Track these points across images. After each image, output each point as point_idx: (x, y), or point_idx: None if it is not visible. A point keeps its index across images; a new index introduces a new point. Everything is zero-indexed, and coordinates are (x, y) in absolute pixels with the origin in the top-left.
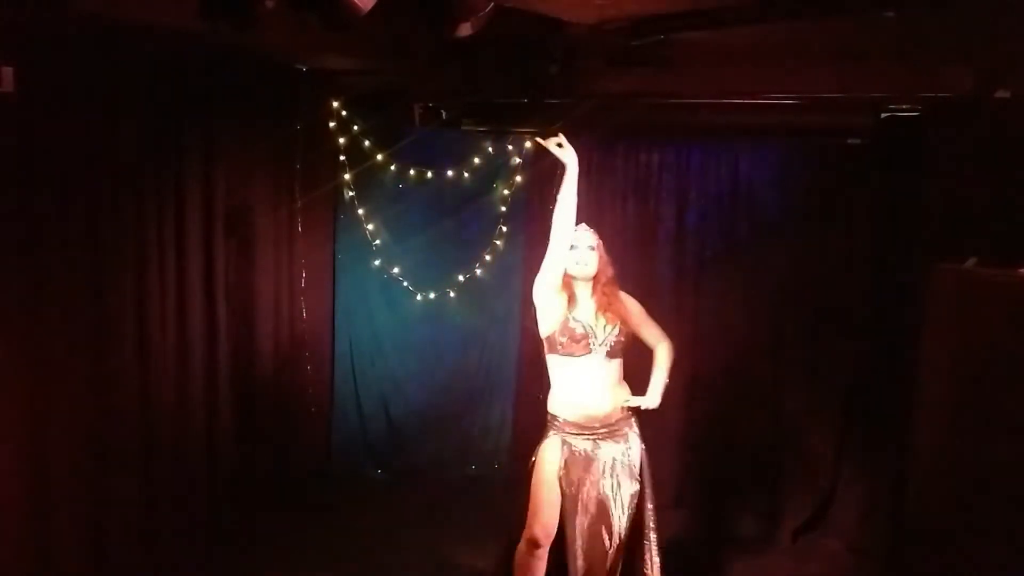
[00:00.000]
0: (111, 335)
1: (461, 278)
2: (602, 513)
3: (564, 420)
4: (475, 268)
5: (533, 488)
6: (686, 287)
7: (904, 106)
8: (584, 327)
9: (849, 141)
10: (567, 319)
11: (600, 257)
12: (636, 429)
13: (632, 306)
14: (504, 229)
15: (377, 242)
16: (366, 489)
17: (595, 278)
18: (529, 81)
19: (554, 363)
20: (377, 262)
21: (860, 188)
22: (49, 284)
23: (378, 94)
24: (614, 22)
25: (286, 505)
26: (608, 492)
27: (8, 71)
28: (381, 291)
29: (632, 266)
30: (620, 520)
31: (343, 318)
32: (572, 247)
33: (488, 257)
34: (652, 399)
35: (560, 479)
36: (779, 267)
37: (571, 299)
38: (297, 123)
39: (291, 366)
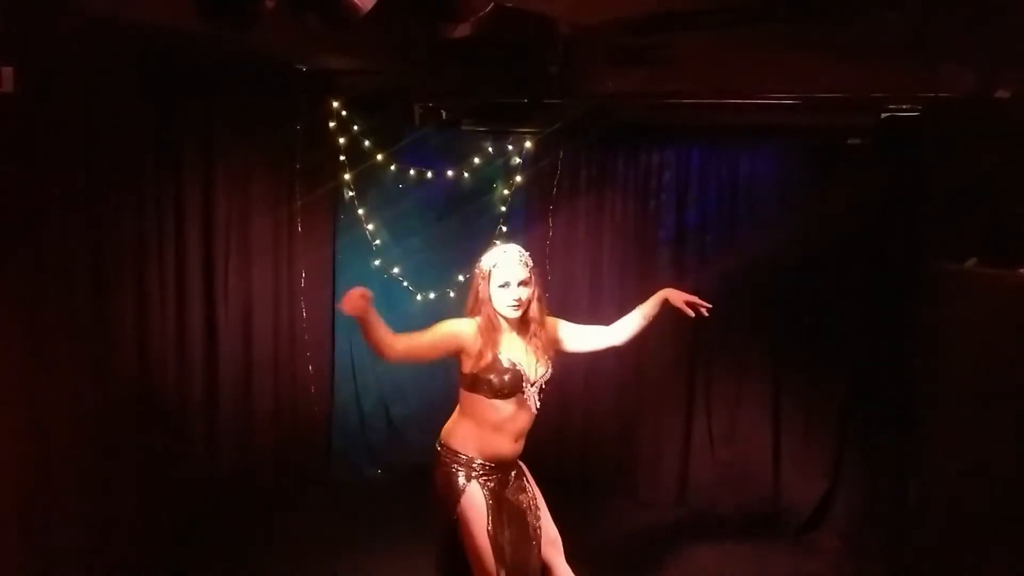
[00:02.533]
0: (111, 335)
1: (461, 278)
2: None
3: (476, 461)
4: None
5: (467, 543)
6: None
7: (904, 106)
8: (518, 368)
9: (849, 141)
10: (498, 358)
11: (534, 291)
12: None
13: (563, 329)
14: (504, 229)
15: (377, 242)
16: (366, 489)
17: (529, 315)
18: (529, 81)
19: (474, 403)
20: (377, 262)
21: (860, 188)
22: (49, 283)
23: (378, 94)
24: (614, 22)
25: (286, 505)
26: (532, 518)
27: (8, 71)
28: (381, 291)
29: (632, 266)
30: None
31: (343, 318)
32: (503, 285)
33: None
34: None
35: (492, 532)
36: (779, 267)
37: (500, 335)
38: (297, 123)
39: (291, 366)
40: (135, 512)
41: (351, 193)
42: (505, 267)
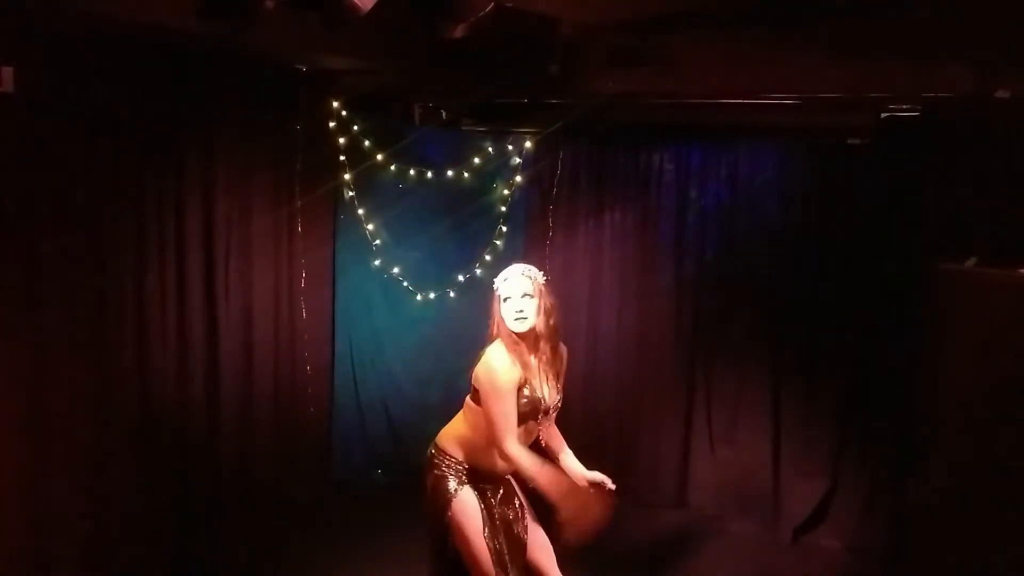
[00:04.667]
0: (111, 335)
1: (461, 278)
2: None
3: (466, 466)
4: (475, 268)
5: (462, 548)
6: (686, 287)
7: (904, 106)
8: (536, 396)
9: (849, 141)
10: (522, 389)
11: (540, 304)
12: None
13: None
14: (504, 229)
15: (377, 242)
16: (366, 489)
17: (536, 328)
18: (529, 81)
19: (481, 418)
20: (377, 262)
21: (860, 188)
22: (49, 284)
23: (378, 94)
24: (614, 22)
25: (286, 505)
26: (520, 527)
27: (8, 71)
28: (381, 291)
29: (632, 266)
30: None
31: (343, 318)
32: (505, 299)
33: (488, 257)
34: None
35: (488, 535)
36: (779, 267)
37: (521, 361)
38: (297, 123)
39: (291, 366)
40: (135, 512)
41: (351, 193)
42: (507, 283)
